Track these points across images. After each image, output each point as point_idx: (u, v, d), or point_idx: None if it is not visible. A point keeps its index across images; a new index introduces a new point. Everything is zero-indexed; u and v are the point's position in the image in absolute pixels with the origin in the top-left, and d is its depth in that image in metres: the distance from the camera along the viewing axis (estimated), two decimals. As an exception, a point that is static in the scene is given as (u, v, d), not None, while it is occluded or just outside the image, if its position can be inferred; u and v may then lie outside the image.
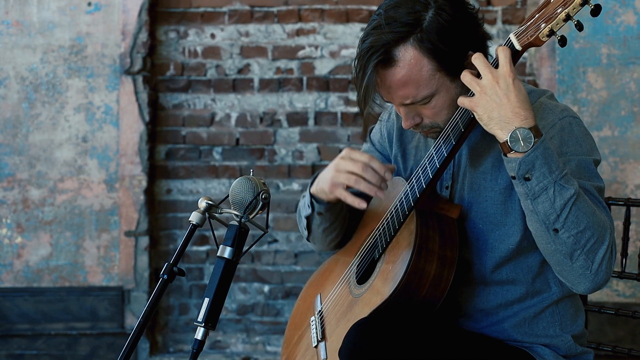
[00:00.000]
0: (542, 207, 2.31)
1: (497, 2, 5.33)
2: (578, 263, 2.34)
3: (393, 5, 2.47)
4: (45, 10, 5.32)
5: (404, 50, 2.44)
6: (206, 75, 5.46)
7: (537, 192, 2.31)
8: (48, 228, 5.35)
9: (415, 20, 2.43)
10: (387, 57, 2.44)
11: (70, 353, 5.37)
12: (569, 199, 2.29)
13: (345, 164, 2.62)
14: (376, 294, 2.56)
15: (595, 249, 2.33)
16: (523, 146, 2.29)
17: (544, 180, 2.29)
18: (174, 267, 2.45)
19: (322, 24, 5.40)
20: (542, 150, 2.28)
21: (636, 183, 5.00)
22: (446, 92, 2.49)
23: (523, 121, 2.29)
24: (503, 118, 2.30)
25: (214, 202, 2.48)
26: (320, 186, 2.73)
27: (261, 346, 5.49)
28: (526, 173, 2.30)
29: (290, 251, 5.45)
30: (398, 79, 2.46)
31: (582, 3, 2.20)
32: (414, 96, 2.48)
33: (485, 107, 2.32)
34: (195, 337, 2.42)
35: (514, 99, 2.29)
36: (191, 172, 5.47)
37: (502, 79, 2.30)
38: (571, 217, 2.30)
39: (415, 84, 2.46)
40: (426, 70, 2.45)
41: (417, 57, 2.44)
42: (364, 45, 2.46)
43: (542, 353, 2.62)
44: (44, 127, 5.33)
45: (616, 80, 5.02)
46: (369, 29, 2.47)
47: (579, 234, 2.31)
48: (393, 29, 2.43)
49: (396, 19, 2.44)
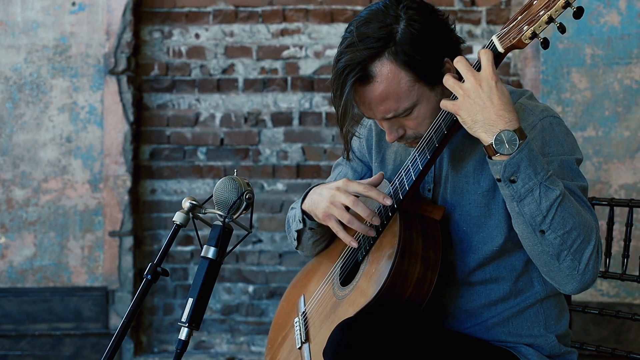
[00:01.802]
0: (528, 209, 2.32)
1: (481, 3, 5.34)
2: (565, 264, 2.34)
3: (364, 21, 2.47)
4: (29, 10, 5.30)
5: (380, 65, 2.44)
6: (190, 75, 5.45)
7: (523, 194, 2.31)
8: (32, 228, 5.34)
9: (387, 34, 2.43)
10: (364, 74, 2.45)
11: (54, 353, 5.36)
12: (555, 200, 2.30)
13: (342, 198, 2.63)
14: (361, 295, 2.56)
15: (582, 249, 2.33)
16: (508, 148, 2.29)
17: (530, 182, 2.30)
18: (157, 267, 2.45)
19: (306, 24, 5.40)
20: (527, 152, 2.29)
21: (620, 183, 5.02)
22: (427, 101, 2.49)
23: (507, 123, 2.29)
24: (487, 121, 2.30)
25: (197, 202, 2.48)
26: (313, 210, 2.75)
27: (246, 346, 5.48)
28: (512, 175, 2.30)
29: (275, 251, 5.45)
30: (377, 94, 2.46)
31: (565, 5, 2.20)
32: (395, 109, 2.48)
33: (468, 110, 2.32)
34: (179, 337, 2.42)
35: (497, 101, 2.29)
36: (175, 172, 5.47)
37: (484, 81, 2.30)
38: (557, 218, 2.30)
39: (395, 97, 2.46)
40: (404, 82, 2.45)
41: (394, 70, 2.44)
42: (339, 64, 2.46)
43: (526, 353, 2.63)
44: (28, 127, 5.31)
45: (600, 80, 5.03)
46: (343, 48, 2.47)
47: (566, 234, 2.31)
48: (367, 45, 2.43)
49: (369, 34, 2.44)
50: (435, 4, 5.26)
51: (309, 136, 5.41)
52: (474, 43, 5.33)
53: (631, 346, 4.77)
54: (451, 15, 5.32)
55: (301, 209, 2.82)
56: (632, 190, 5.00)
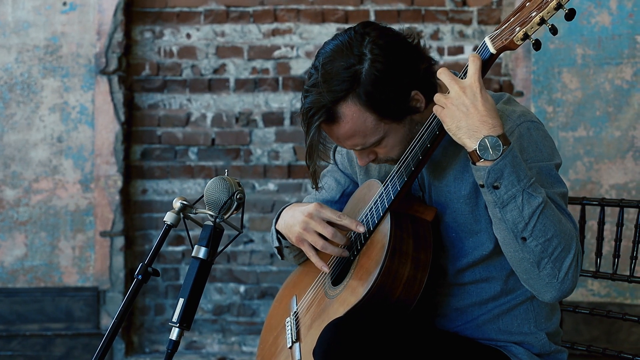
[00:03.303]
0: (510, 216, 2.33)
1: (472, 3, 5.34)
2: (545, 271, 2.36)
3: (329, 59, 2.48)
4: (20, 9, 5.29)
5: (345, 107, 2.46)
6: (182, 75, 5.45)
7: (506, 200, 2.32)
8: (23, 228, 5.33)
9: (351, 77, 2.44)
10: (330, 116, 2.48)
11: (46, 354, 5.35)
12: (537, 207, 2.31)
13: (314, 225, 2.66)
14: (351, 294, 2.56)
15: (562, 257, 2.35)
16: (492, 154, 2.30)
17: (513, 188, 2.31)
18: (148, 267, 2.45)
19: (297, 24, 5.40)
20: (511, 159, 2.30)
21: (611, 183, 5.02)
22: (395, 133, 2.52)
23: (491, 129, 2.30)
24: (471, 127, 2.31)
25: (188, 202, 2.48)
26: (286, 233, 2.80)
27: (237, 346, 5.48)
28: (495, 181, 2.31)
29: (266, 251, 5.44)
30: (344, 132, 2.50)
31: (557, 7, 2.21)
32: (362, 144, 2.53)
33: (453, 117, 2.34)
34: (170, 338, 2.42)
35: (481, 107, 2.30)
36: (167, 172, 5.46)
37: (469, 88, 2.32)
38: (539, 225, 2.32)
39: (361, 134, 2.50)
40: (370, 121, 2.48)
41: (359, 111, 2.47)
42: (305, 104, 2.49)
43: (516, 352, 2.64)
44: (19, 127, 5.30)
45: (591, 80, 5.04)
46: (309, 85, 2.49)
47: (547, 242, 2.33)
48: (331, 87, 2.45)
49: (333, 75, 2.45)
50: (426, 4, 5.32)
51: (300, 136, 5.40)
52: (465, 43, 5.33)
53: (622, 346, 4.78)
54: (442, 14, 5.32)
55: (275, 229, 2.85)
56: (622, 190, 5.00)
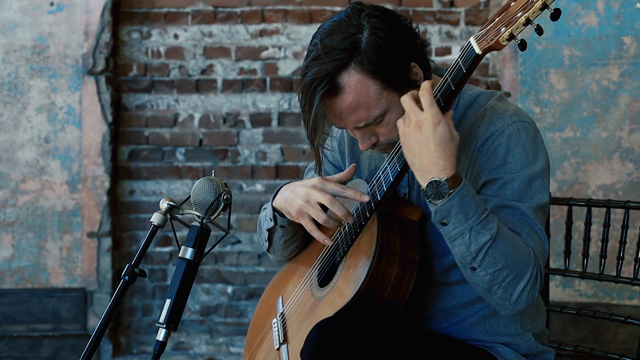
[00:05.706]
0: (458, 250, 2.37)
1: (460, 3, 5.35)
2: (496, 296, 2.40)
3: (327, 33, 2.48)
4: (7, 10, 5.28)
5: (348, 76, 2.44)
6: (169, 75, 5.44)
7: (454, 236, 2.36)
8: (10, 229, 5.32)
9: (352, 45, 2.43)
10: (332, 86, 2.45)
11: (33, 355, 5.34)
12: (485, 244, 2.34)
13: (317, 196, 2.62)
14: (339, 296, 2.56)
15: (515, 283, 2.38)
16: (436, 198, 2.33)
17: (460, 226, 2.34)
18: (135, 268, 2.45)
19: (285, 25, 5.40)
20: (459, 200, 2.31)
21: (598, 184, 5.03)
22: (397, 107, 2.49)
23: (441, 172, 2.31)
24: (422, 166, 2.34)
25: (175, 203, 2.48)
26: (285, 208, 2.73)
27: (225, 347, 5.48)
28: (442, 219, 2.34)
29: (254, 252, 5.44)
30: (347, 105, 2.47)
31: (542, 7, 2.20)
32: (366, 118, 2.49)
33: (409, 150, 2.36)
34: (156, 339, 2.42)
35: (433, 148, 2.31)
36: (154, 173, 5.45)
37: (424, 124, 2.33)
38: (488, 258, 2.35)
39: (365, 106, 2.47)
40: (373, 90, 2.46)
41: (362, 80, 2.44)
42: (306, 78, 2.48)
43: (503, 353, 2.64)
44: (6, 128, 5.29)
45: (578, 81, 5.05)
46: (309, 61, 2.48)
47: (497, 272, 2.36)
48: (332, 57, 2.44)
49: (333, 46, 2.44)
50: (414, 5, 5.32)
51: (288, 137, 5.41)
52: (453, 44, 5.34)
53: (609, 346, 4.79)
54: (429, 15, 5.33)
55: (272, 206, 2.82)
56: (609, 191, 5.01)
